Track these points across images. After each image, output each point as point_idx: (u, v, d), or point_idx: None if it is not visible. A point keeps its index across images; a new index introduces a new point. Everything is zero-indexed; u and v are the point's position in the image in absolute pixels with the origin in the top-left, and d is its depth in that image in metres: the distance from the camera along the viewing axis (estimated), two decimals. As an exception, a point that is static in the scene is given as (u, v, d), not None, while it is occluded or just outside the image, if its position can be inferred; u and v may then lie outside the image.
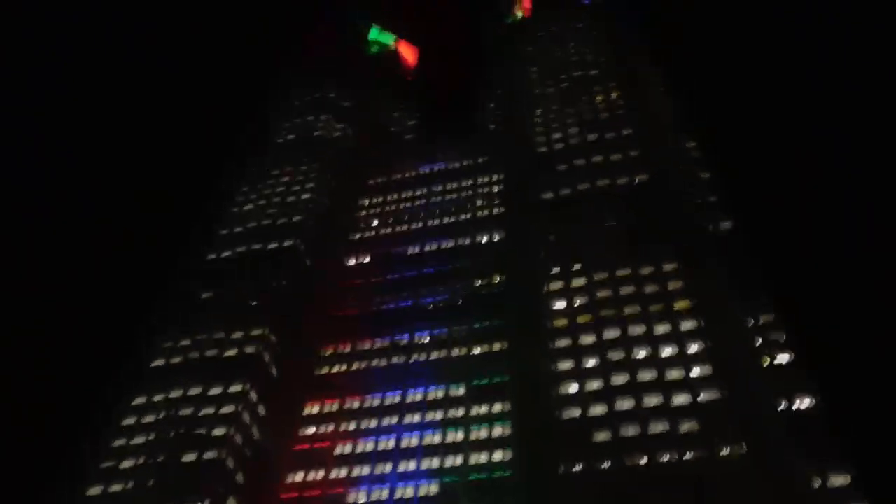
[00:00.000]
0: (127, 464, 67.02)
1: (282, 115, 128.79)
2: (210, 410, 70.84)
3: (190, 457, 66.76)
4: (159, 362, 78.06)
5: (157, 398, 73.41)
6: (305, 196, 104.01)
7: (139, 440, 69.10)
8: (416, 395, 74.18)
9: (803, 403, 61.50)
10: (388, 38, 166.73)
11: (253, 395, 73.27)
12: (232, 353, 77.48)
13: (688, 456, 56.12)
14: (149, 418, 71.43)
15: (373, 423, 72.65)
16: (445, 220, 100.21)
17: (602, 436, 59.37)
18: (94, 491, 64.79)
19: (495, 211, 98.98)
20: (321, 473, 69.11)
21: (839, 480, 54.16)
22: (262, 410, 73.90)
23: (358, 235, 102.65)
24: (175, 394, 73.37)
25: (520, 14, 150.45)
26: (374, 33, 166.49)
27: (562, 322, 70.31)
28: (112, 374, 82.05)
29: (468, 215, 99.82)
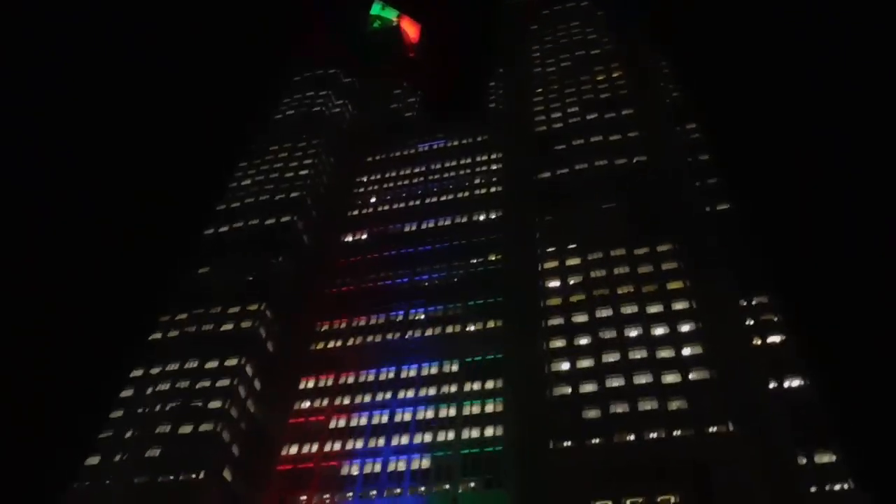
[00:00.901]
0: (126, 435, 67.87)
1: (282, 91, 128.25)
2: (206, 384, 71.66)
3: (186, 429, 67.69)
4: (157, 336, 78.72)
5: (155, 371, 74.18)
6: (304, 172, 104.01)
7: (137, 412, 69.92)
8: (410, 371, 74.94)
9: (794, 383, 62.30)
10: (391, 14, 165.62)
11: (249, 370, 74.01)
12: (229, 327, 78.12)
13: (676, 433, 56.76)
14: (147, 391, 72.19)
15: (367, 398, 73.53)
16: (443, 197, 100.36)
17: (592, 413, 60.09)
18: (93, 460, 65.75)
19: (493, 190, 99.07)
20: (315, 446, 70.13)
21: (825, 458, 54.93)
22: (258, 385, 74.71)
23: (356, 212, 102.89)
24: (172, 367, 74.13)
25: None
26: (377, 8, 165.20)
27: (555, 301, 70.72)
28: (111, 348, 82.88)
29: (466, 193, 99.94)
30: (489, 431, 67.22)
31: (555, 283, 72.88)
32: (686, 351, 62.77)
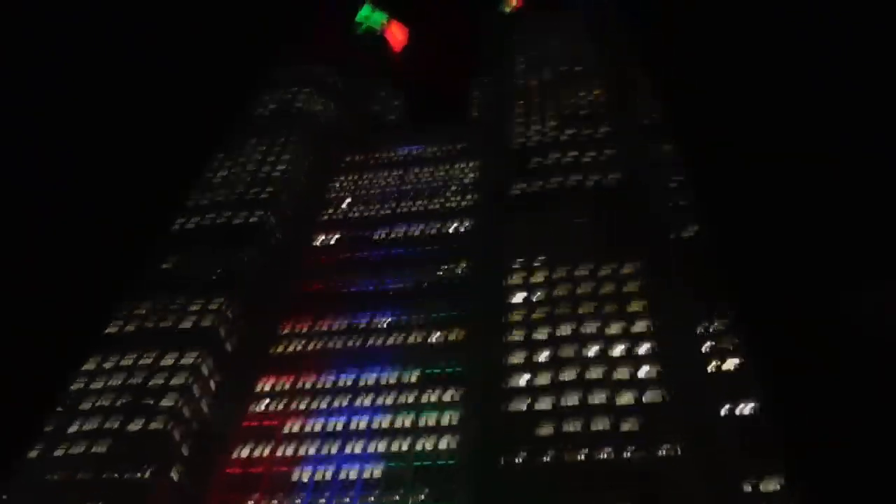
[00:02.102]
0: (71, 429, 66.47)
1: (264, 86, 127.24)
2: (160, 380, 70.35)
3: (136, 425, 66.32)
4: (113, 329, 77.39)
5: (108, 365, 72.79)
6: (280, 168, 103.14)
7: (85, 406, 68.47)
8: (369, 378, 74.20)
9: (746, 409, 62.36)
10: (379, 18, 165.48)
11: (205, 368, 72.89)
12: (188, 324, 76.96)
13: (627, 453, 56.63)
14: (97, 384, 70.76)
15: (324, 404, 72.63)
16: (418, 204, 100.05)
17: (546, 429, 59.76)
18: (33, 454, 64.21)
19: (468, 199, 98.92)
20: (268, 450, 69.04)
21: (771, 486, 54.97)
22: (213, 383, 73.59)
23: (329, 213, 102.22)
24: (126, 361, 72.76)
25: (513, 3, 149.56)
26: (366, 11, 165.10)
27: (518, 315, 70.52)
28: (65, 338, 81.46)
29: (440, 201, 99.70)
30: (444, 443, 66.58)
31: (519, 298, 72.72)
32: (642, 372, 62.75)
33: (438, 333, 77.64)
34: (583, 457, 56.94)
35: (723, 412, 60.99)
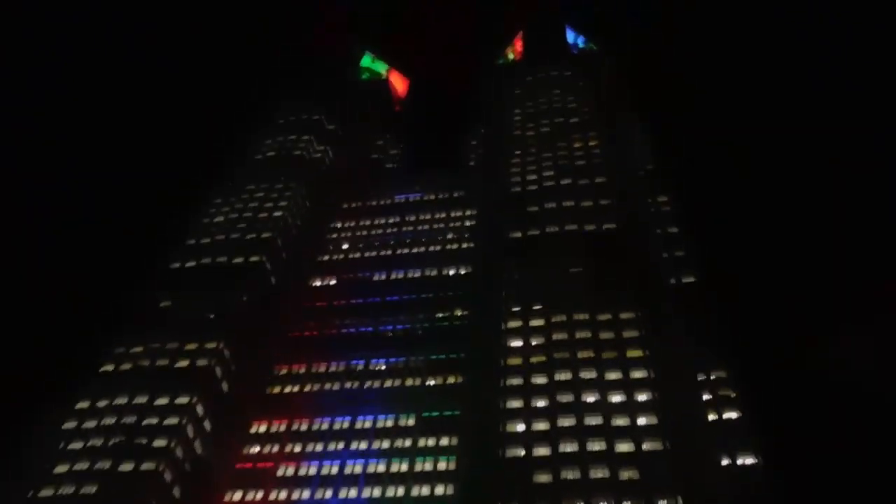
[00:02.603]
0: (61, 469, 65.34)
1: (264, 132, 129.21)
2: (154, 420, 69.58)
3: (127, 466, 65.30)
4: (108, 367, 76.78)
5: (102, 404, 72.01)
6: (277, 213, 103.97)
7: (76, 446, 67.54)
8: (365, 423, 73.70)
9: (746, 461, 62.19)
10: (380, 67, 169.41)
11: (200, 409, 72.14)
12: (184, 364, 76.46)
13: (625, 503, 56.05)
14: (90, 424, 69.93)
15: (319, 447, 71.96)
16: (415, 249, 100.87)
17: (543, 477, 59.22)
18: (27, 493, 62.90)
19: (465, 245, 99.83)
20: (260, 494, 68.09)
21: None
22: (207, 425, 72.71)
23: (326, 257, 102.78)
24: (120, 401, 72.04)
25: (511, 56, 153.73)
26: (367, 61, 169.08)
27: (516, 360, 70.53)
28: (60, 377, 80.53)
29: (438, 247, 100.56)
30: (440, 490, 65.88)
31: (516, 343, 72.84)
32: (641, 420, 62.60)
33: (436, 377, 77.38)
34: (581, 505, 56.28)
35: (722, 463, 60.90)
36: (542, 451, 61.39)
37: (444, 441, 70.10)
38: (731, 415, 66.61)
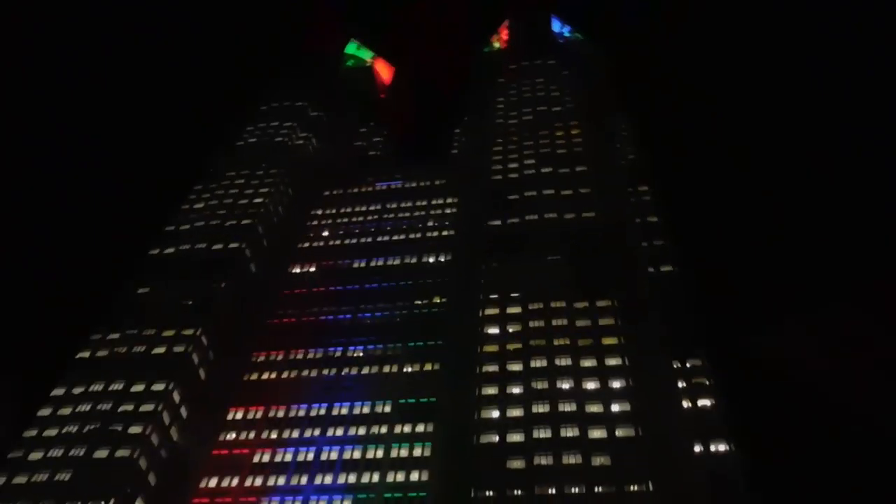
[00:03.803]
0: (35, 456, 65.16)
1: (246, 118, 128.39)
2: (129, 407, 69.53)
3: (102, 453, 65.28)
4: (84, 354, 76.49)
5: (77, 391, 71.81)
6: (258, 200, 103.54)
7: (51, 432, 67.36)
8: (342, 409, 73.68)
9: (719, 448, 62.76)
10: (365, 54, 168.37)
11: (176, 396, 72.10)
12: (160, 350, 76.32)
13: (597, 490, 56.66)
14: (65, 411, 69.76)
15: (295, 434, 71.89)
16: (395, 237, 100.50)
17: (517, 463, 59.75)
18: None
19: (445, 233, 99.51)
20: (236, 480, 67.95)
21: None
22: (184, 412, 72.75)
23: (307, 244, 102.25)
24: (96, 387, 71.90)
25: (496, 45, 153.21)
26: (352, 48, 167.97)
27: (492, 348, 70.87)
28: (36, 364, 80.00)
29: (418, 235, 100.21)
30: (415, 476, 66.02)
31: (493, 330, 73.16)
32: (615, 407, 63.18)
33: (413, 364, 77.49)
34: (553, 491, 56.87)
35: (695, 451, 61.46)
36: (515, 437, 61.89)
37: (421, 428, 70.18)
38: (706, 402, 67.10)
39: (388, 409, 73.01)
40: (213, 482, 68.10)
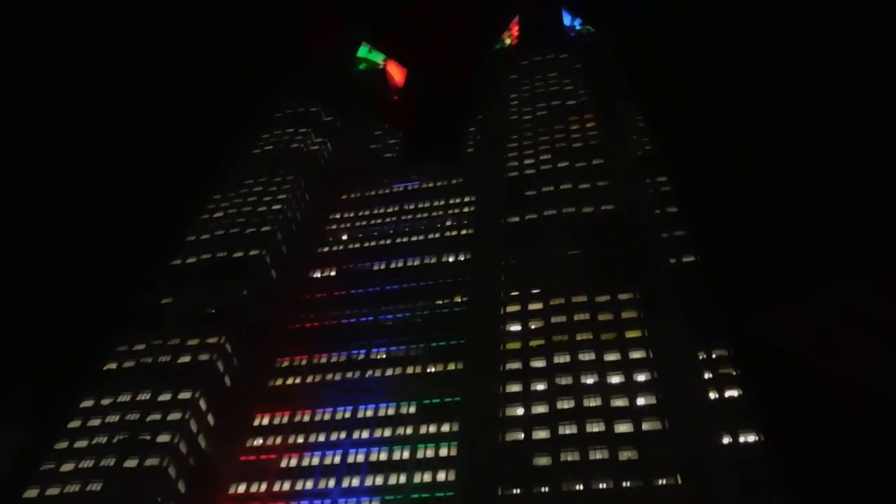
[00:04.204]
0: (67, 467, 66.09)
1: (261, 126, 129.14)
2: (157, 416, 70.16)
3: (132, 463, 65.93)
4: (112, 365, 77.43)
5: (106, 402, 72.67)
6: (276, 207, 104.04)
7: (82, 444, 68.21)
8: (366, 412, 73.96)
9: (747, 439, 61.86)
10: (377, 57, 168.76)
11: (202, 403, 72.68)
12: (186, 359, 76.96)
13: (625, 484, 56.08)
14: (94, 422, 70.61)
15: (321, 437, 72.33)
16: (414, 238, 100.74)
17: (543, 460, 59.31)
18: (31, 493, 63.76)
19: (463, 232, 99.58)
20: (264, 486, 68.57)
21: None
22: (210, 419, 73.28)
23: (326, 249, 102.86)
24: (124, 398, 72.68)
25: (507, 41, 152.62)
26: (364, 51, 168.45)
27: (515, 345, 70.51)
28: (63, 376, 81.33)
29: (437, 235, 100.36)
30: (441, 476, 66.09)
31: (515, 327, 72.79)
32: (640, 401, 62.49)
33: (436, 365, 77.49)
34: (580, 487, 56.41)
35: (723, 442, 60.65)
36: (541, 433, 61.46)
37: (446, 427, 70.25)
38: (733, 393, 66.22)
39: (412, 409, 73.11)
40: (241, 488, 68.76)
